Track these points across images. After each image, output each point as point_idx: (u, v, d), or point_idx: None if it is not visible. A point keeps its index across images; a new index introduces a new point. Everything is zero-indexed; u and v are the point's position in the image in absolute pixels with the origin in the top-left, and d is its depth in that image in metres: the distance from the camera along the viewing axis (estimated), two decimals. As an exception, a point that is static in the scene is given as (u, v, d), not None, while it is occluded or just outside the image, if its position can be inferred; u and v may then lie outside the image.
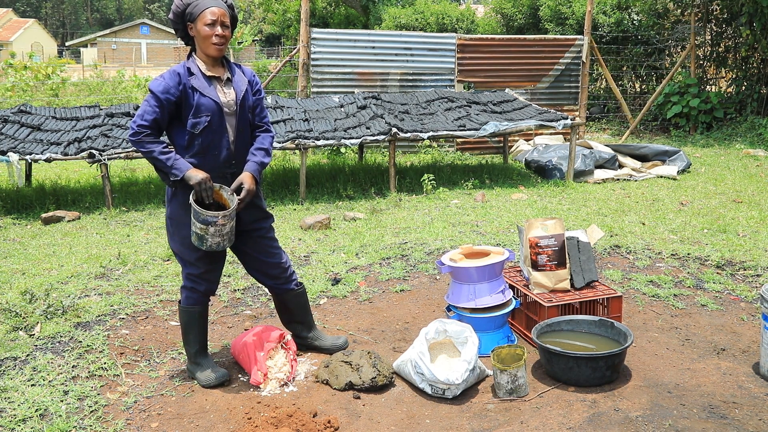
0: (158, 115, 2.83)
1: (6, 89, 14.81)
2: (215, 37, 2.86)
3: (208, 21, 2.84)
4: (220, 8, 2.87)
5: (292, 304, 3.34)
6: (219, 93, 2.93)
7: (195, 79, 2.88)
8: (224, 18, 2.88)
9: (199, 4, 2.86)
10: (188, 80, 2.87)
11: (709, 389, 2.98)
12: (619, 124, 13.14)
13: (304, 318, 3.40)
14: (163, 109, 2.84)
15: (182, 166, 2.85)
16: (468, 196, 7.18)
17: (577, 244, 3.63)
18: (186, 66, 2.91)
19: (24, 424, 2.73)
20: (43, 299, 3.91)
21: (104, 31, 49.80)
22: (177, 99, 2.85)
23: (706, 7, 12.48)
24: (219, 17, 2.86)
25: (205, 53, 2.92)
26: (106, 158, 6.52)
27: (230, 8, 2.96)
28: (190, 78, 2.88)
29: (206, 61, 2.94)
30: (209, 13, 2.84)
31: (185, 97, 2.86)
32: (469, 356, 2.95)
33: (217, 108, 2.90)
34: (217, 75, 2.96)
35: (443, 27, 16.22)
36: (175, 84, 2.84)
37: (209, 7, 2.85)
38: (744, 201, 6.76)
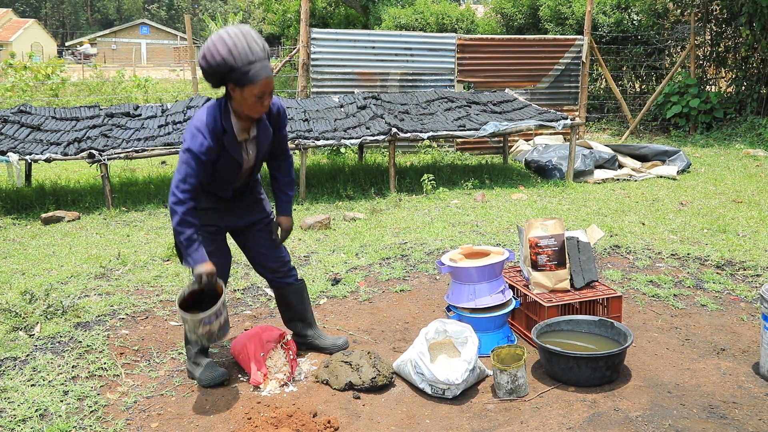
0: (201, 176, 2.76)
1: (6, 89, 14.80)
2: (260, 107, 2.73)
3: (257, 93, 2.67)
4: (270, 77, 2.68)
5: (292, 299, 3.34)
6: (243, 153, 2.90)
7: (227, 139, 2.79)
8: (272, 85, 2.72)
9: (250, 73, 2.63)
10: (222, 138, 2.78)
11: (709, 389, 2.98)
12: (618, 124, 13.14)
13: (304, 315, 3.39)
14: (205, 168, 2.78)
15: (198, 259, 2.78)
16: (468, 196, 7.18)
17: (577, 244, 3.63)
18: (219, 123, 2.76)
19: (24, 424, 2.73)
20: (43, 299, 3.91)
21: (104, 31, 49.81)
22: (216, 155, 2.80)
23: (706, 7, 12.48)
24: (269, 87, 2.69)
25: (244, 114, 2.78)
26: (105, 158, 6.52)
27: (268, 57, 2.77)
28: (224, 136, 2.78)
29: (240, 118, 2.81)
30: (261, 86, 2.65)
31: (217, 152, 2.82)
32: (469, 356, 2.95)
33: (237, 166, 2.91)
34: (246, 137, 2.88)
35: (443, 27, 16.22)
36: (215, 144, 2.76)
37: (262, 79, 2.64)
38: (744, 201, 6.76)
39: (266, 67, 2.68)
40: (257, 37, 2.68)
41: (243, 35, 2.64)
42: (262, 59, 2.66)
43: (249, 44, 2.64)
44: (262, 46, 2.68)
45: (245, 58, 2.62)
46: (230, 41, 2.62)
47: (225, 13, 51.39)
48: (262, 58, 2.66)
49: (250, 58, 2.63)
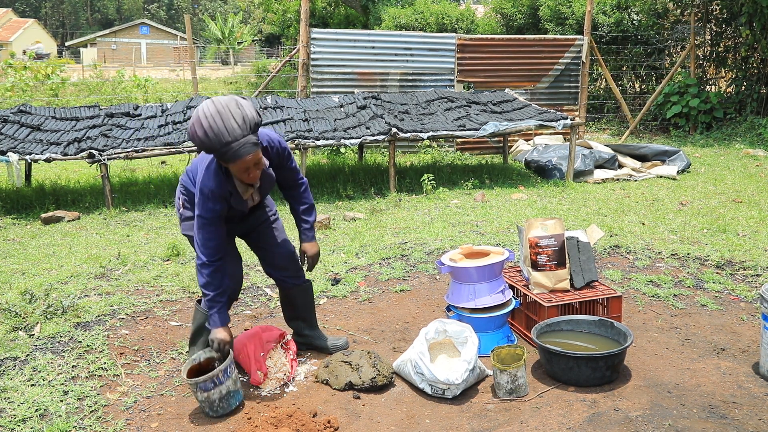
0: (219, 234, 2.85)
1: (6, 89, 14.80)
2: (249, 177, 2.74)
3: (240, 169, 2.68)
4: (251, 153, 2.63)
5: (298, 300, 3.36)
6: (249, 202, 2.97)
7: (234, 199, 2.86)
8: (256, 158, 2.67)
9: (228, 155, 2.60)
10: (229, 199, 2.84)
11: (708, 389, 2.98)
12: (618, 124, 13.14)
13: (308, 315, 3.40)
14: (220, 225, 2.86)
15: (217, 322, 2.88)
16: (468, 196, 7.18)
17: (577, 244, 3.63)
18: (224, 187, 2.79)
19: (24, 424, 2.73)
20: (43, 299, 3.91)
21: (104, 31, 49.80)
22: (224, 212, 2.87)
23: (705, 7, 12.48)
24: (251, 163, 2.66)
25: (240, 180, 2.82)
26: (105, 158, 6.52)
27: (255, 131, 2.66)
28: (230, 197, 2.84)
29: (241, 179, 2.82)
30: (243, 163, 2.64)
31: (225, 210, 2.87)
32: (469, 356, 2.95)
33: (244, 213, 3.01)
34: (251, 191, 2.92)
35: (443, 27, 16.22)
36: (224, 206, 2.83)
37: (241, 158, 2.61)
38: (744, 201, 6.76)
39: (245, 145, 2.60)
40: (236, 111, 2.58)
41: (219, 114, 2.56)
42: (239, 138, 2.58)
43: (225, 123, 2.56)
44: (241, 121, 2.58)
45: (221, 139, 2.56)
46: (206, 123, 2.56)
47: (225, 13, 51.37)
48: (240, 135, 2.58)
49: (225, 140, 2.56)
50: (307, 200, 3.20)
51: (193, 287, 4.36)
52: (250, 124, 2.61)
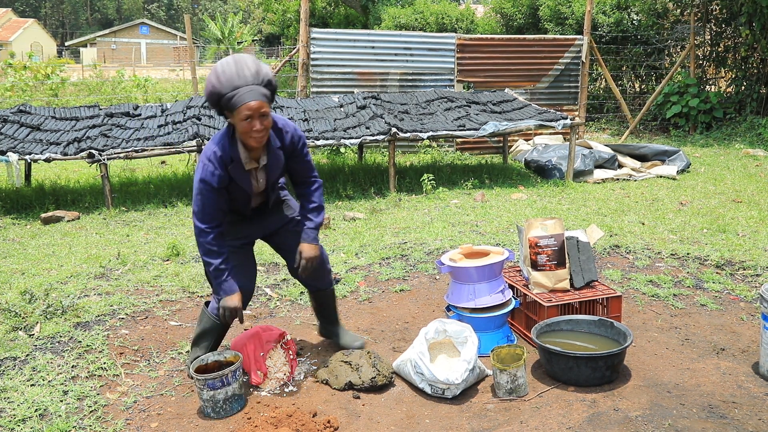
0: (218, 204, 2.82)
1: (5, 89, 14.80)
2: (254, 132, 2.69)
3: (243, 116, 2.66)
4: (257, 101, 2.64)
5: (321, 302, 3.38)
6: (252, 181, 2.91)
7: (234, 168, 2.81)
8: (263, 108, 2.67)
9: (234, 99, 2.64)
10: (230, 167, 2.81)
11: (708, 389, 2.98)
12: (618, 124, 13.14)
13: (330, 314, 3.42)
14: (220, 195, 2.82)
15: (227, 290, 2.86)
16: (468, 196, 7.19)
17: (577, 243, 3.63)
18: (228, 154, 2.79)
19: (24, 424, 2.73)
20: (43, 299, 3.91)
21: (104, 31, 49.80)
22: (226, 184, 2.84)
23: (705, 7, 12.48)
24: (256, 111, 2.65)
25: (243, 143, 2.79)
26: (105, 158, 6.52)
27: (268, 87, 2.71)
28: (231, 165, 2.81)
29: (246, 147, 2.82)
30: (245, 109, 2.64)
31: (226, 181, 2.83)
32: (469, 356, 2.95)
33: (246, 193, 2.93)
34: (255, 166, 2.87)
35: (443, 27, 16.22)
36: (224, 172, 2.79)
37: (244, 103, 2.63)
38: (743, 201, 6.76)
39: (253, 91, 2.65)
40: (251, 64, 2.68)
41: (235, 62, 2.67)
42: (249, 84, 2.65)
43: (238, 71, 2.65)
44: (254, 71, 2.66)
45: (231, 83, 2.64)
46: (220, 69, 2.67)
47: (225, 13, 51.38)
48: (251, 83, 2.65)
49: (235, 83, 2.64)
50: (317, 200, 3.09)
51: (193, 287, 4.36)
52: (263, 78, 2.68)
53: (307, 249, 3.04)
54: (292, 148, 2.95)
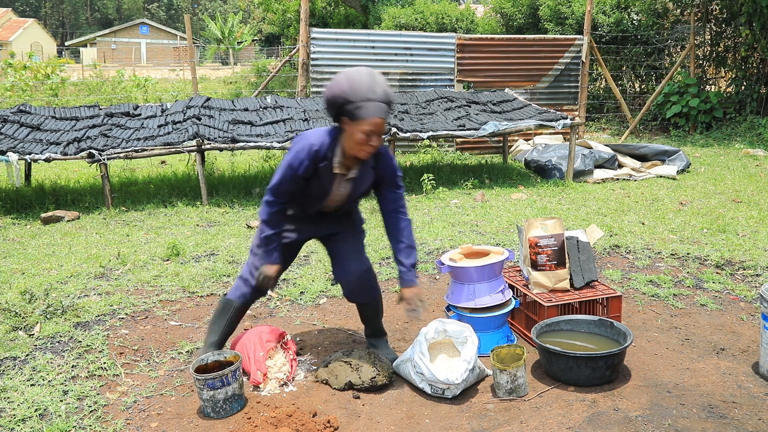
0: (293, 187, 2.88)
1: (5, 89, 14.80)
2: (367, 147, 2.74)
3: (366, 130, 2.69)
4: (382, 119, 2.69)
5: (361, 311, 3.32)
6: (334, 187, 2.94)
7: (323, 166, 2.85)
8: (382, 127, 2.72)
9: (362, 109, 2.67)
10: (321, 165, 2.85)
11: (708, 389, 2.98)
12: (618, 124, 13.14)
13: (372, 326, 3.36)
14: (298, 182, 2.87)
15: (269, 260, 2.95)
16: (467, 196, 7.19)
17: (577, 243, 3.63)
18: (325, 150, 2.82)
19: (23, 423, 2.72)
20: (43, 299, 3.91)
21: (104, 31, 49.80)
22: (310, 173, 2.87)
23: (705, 7, 12.48)
24: (378, 128, 2.70)
25: (349, 152, 2.81)
26: (105, 158, 6.52)
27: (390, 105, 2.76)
28: (322, 163, 2.85)
29: (344, 155, 2.85)
30: (370, 124, 2.68)
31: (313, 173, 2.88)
32: (469, 356, 2.95)
33: (324, 195, 2.97)
34: (344, 173, 2.90)
35: (443, 27, 16.22)
36: (312, 167, 2.84)
37: (372, 118, 2.67)
38: (743, 201, 6.76)
39: (381, 109, 2.70)
40: (383, 82, 2.74)
41: (369, 75, 2.72)
42: (379, 100, 2.70)
43: (371, 84, 2.69)
44: (384, 90, 2.72)
45: (363, 94, 2.68)
46: (352, 76, 2.71)
47: (225, 13, 51.36)
48: (381, 99, 2.70)
49: (367, 96, 2.68)
50: (407, 240, 3.03)
51: (193, 287, 4.36)
52: (389, 98, 2.75)
53: (407, 293, 3.01)
54: (382, 174, 2.99)
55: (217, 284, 4.44)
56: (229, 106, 8.12)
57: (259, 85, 19.17)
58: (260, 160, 9.20)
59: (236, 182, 7.75)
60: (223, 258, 4.99)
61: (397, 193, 3.07)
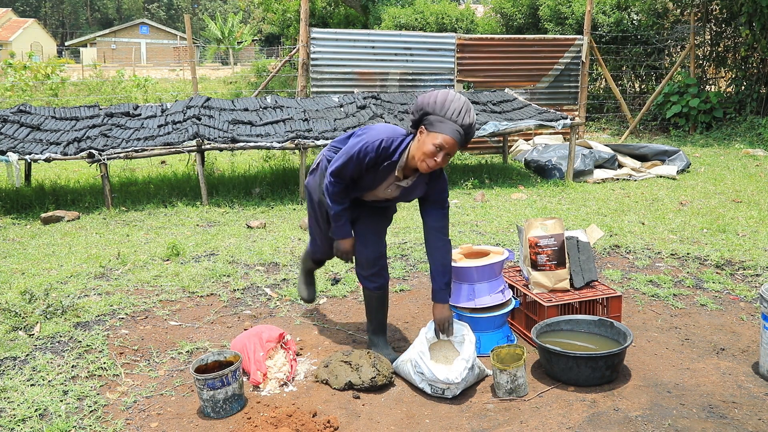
0: (353, 172, 2.97)
1: (5, 89, 14.80)
2: (431, 161, 2.80)
3: (437, 143, 2.77)
4: (455, 140, 2.76)
5: (366, 301, 3.38)
6: (384, 185, 3.05)
7: (385, 165, 2.94)
8: (452, 149, 2.79)
9: (440, 124, 2.76)
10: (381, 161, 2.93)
11: (708, 389, 2.98)
12: (618, 124, 13.14)
13: (371, 318, 3.39)
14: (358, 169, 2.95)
15: (342, 234, 3.16)
16: (467, 196, 7.18)
17: (577, 243, 3.63)
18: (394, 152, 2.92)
19: (23, 423, 2.72)
20: (43, 299, 3.91)
21: (104, 30, 49.80)
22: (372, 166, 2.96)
23: (705, 7, 12.49)
24: (448, 147, 2.77)
25: (412, 160, 2.89)
26: (105, 158, 6.52)
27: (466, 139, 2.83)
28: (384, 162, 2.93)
29: (408, 162, 2.93)
30: (441, 139, 2.76)
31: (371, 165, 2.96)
32: (467, 355, 2.95)
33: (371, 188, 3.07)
34: (400, 177, 2.99)
35: (443, 27, 16.22)
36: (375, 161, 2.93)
37: (445, 134, 2.75)
38: (743, 201, 6.76)
39: (458, 132, 2.77)
40: (473, 115, 2.83)
41: (465, 104, 2.81)
42: (461, 126, 2.77)
43: (462, 110, 2.78)
44: (471, 122, 2.80)
45: (451, 113, 2.77)
46: (452, 97, 2.80)
47: (225, 13, 51.36)
48: (463, 126, 2.78)
49: (453, 117, 2.76)
50: (447, 261, 3.12)
51: (193, 287, 4.36)
52: (469, 133, 2.83)
53: (439, 310, 3.11)
54: (432, 191, 3.07)
55: (217, 284, 4.44)
56: (229, 106, 8.12)
57: (259, 85, 19.18)
58: (260, 160, 9.20)
59: (236, 182, 7.75)
60: (223, 258, 4.99)
61: (443, 212, 3.14)
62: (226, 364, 2.96)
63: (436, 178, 3.04)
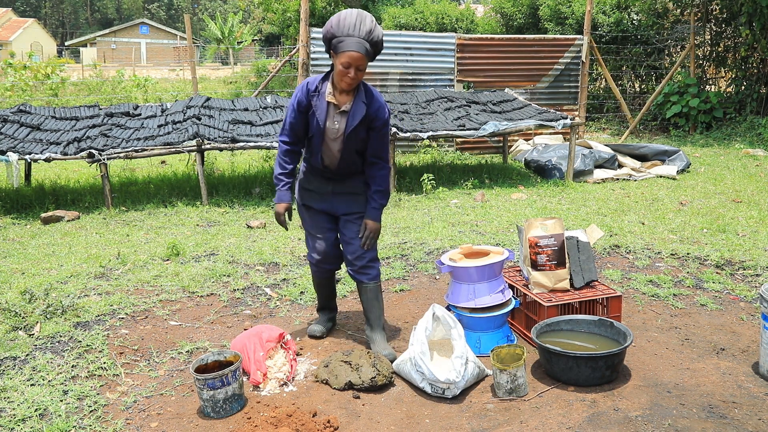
0: (296, 126, 3.20)
1: (5, 89, 14.80)
2: (346, 77, 3.00)
3: (344, 62, 2.96)
4: (359, 53, 2.95)
5: (361, 296, 3.43)
6: (328, 119, 3.16)
7: (316, 98, 3.14)
8: (360, 62, 2.97)
9: (342, 43, 2.95)
10: (312, 96, 3.14)
11: (708, 389, 2.98)
12: (618, 124, 13.14)
13: (368, 314, 3.43)
14: (300, 120, 3.18)
15: (278, 198, 3.30)
16: (467, 196, 7.18)
17: (577, 243, 3.63)
18: (316, 84, 3.13)
19: (23, 423, 2.72)
20: (43, 299, 3.91)
21: (104, 30, 49.80)
22: (305, 108, 3.16)
23: (705, 7, 12.49)
24: (354, 62, 2.96)
25: (336, 83, 3.09)
26: (105, 158, 6.52)
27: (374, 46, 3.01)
28: (314, 95, 3.13)
29: (335, 88, 3.12)
30: (347, 56, 2.95)
31: (310, 108, 3.16)
32: (460, 351, 2.95)
33: (320, 130, 3.17)
34: (337, 103, 3.13)
35: (443, 27, 16.22)
36: (306, 100, 3.14)
37: (348, 51, 2.94)
38: (743, 201, 6.76)
39: (359, 44, 2.94)
40: (370, 23, 2.99)
41: (357, 15, 2.99)
42: (360, 37, 2.95)
43: (356, 22, 2.96)
44: (368, 29, 2.96)
45: (346, 30, 2.95)
46: (342, 16, 2.99)
47: (225, 13, 51.35)
48: (362, 37, 2.95)
49: (349, 32, 2.95)
50: (383, 186, 3.30)
51: (193, 287, 4.36)
52: (373, 38, 3.00)
53: (370, 224, 3.32)
54: (374, 116, 3.17)
55: (217, 284, 4.44)
56: (229, 106, 8.12)
57: (259, 85, 19.17)
58: (260, 160, 9.20)
59: (236, 182, 7.75)
60: (223, 258, 4.99)
61: (382, 142, 3.25)
62: (226, 364, 2.96)
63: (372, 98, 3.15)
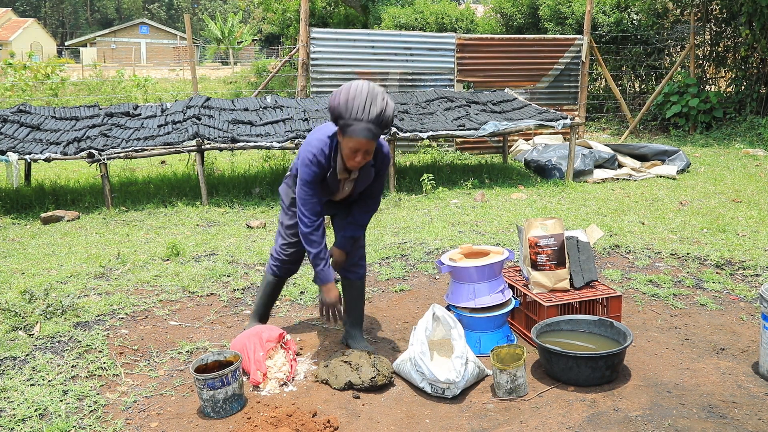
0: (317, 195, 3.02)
1: (5, 89, 14.79)
2: (353, 161, 2.90)
3: (351, 147, 2.85)
4: (368, 140, 2.82)
5: (347, 293, 3.43)
6: (340, 187, 3.14)
7: (330, 175, 3.03)
8: (369, 147, 2.86)
9: (350, 128, 2.80)
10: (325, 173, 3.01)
11: (708, 389, 2.98)
12: (618, 124, 13.15)
13: (353, 311, 3.44)
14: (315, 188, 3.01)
15: (324, 278, 3.08)
16: (467, 196, 7.18)
17: (577, 243, 3.63)
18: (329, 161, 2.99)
19: (23, 423, 2.72)
20: (43, 299, 3.91)
21: (104, 30, 49.80)
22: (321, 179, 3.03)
23: (705, 7, 12.49)
24: (363, 147, 2.84)
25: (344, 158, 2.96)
26: (105, 158, 6.52)
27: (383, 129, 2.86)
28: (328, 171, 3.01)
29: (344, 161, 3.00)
30: (354, 142, 2.82)
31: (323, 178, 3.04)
32: (460, 351, 2.95)
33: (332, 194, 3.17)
34: (346, 177, 3.08)
35: (443, 27, 16.22)
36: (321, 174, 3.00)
37: (356, 138, 2.81)
38: (743, 201, 6.76)
39: (368, 130, 2.79)
40: (381, 103, 2.80)
41: (368, 94, 2.80)
42: (369, 122, 2.78)
43: (366, 104, 2.78)
44: (378, 111, 2.78)
45: (354, 112, 2.78)
46: (352, 92, 2.80)
47: (225, 13, 51.34)
48: (371, 121, 2.78)
49: (357, 115, 2.78)
50: (363, 222, 3.27)
51: (193, 287, 4.36)
52: (382, 120, 2.83)
53: (336, 253, 3.29)
54: (380, 166, 3.14)
55: (217, 284, 4.44)
56: (229, 106, 8.12)
57: (259, 85, 19.17)
58: (260, 160, 9.20)
59: (236, 182, 7.75)
60: (223, 258, 4.99)
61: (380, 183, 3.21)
62: (226, 364, 2.96)
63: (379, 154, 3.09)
